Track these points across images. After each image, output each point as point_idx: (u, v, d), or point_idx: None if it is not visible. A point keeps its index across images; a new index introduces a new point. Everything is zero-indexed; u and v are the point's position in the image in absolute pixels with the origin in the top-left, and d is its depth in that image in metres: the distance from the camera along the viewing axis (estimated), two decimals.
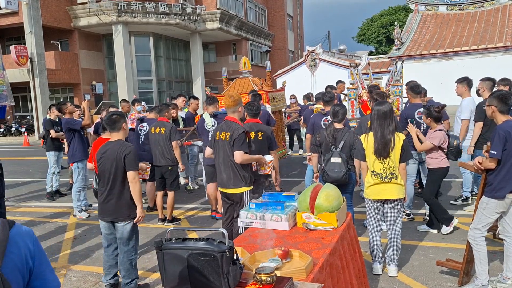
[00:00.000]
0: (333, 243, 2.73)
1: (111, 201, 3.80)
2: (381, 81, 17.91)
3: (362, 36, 45.44)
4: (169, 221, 6.05)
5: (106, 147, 3.83)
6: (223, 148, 4.16)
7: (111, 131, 3.86)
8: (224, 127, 4.18)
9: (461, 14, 22.17)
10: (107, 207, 3.82)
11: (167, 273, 2.21)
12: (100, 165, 3.81)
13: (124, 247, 3.84)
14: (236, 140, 4.01)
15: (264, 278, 2.00)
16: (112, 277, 3.99)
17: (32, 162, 13.45)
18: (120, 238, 3.85)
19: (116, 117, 3.84)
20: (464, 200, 6.32)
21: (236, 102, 4.20)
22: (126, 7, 23.10)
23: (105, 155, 3.78)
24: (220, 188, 4.33)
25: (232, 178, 4.14)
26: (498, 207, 3.47)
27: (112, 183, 3.78)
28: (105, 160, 3.77)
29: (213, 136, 4.35)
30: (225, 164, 4.17)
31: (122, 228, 3.82)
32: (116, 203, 3.79)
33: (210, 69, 30.40)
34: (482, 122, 5.55)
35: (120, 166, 3.73)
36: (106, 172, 3.77)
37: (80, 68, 25.21)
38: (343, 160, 4.64)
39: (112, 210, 3.81)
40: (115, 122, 3.82)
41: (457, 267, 3.85)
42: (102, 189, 3.84)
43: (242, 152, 4.01)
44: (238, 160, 4.02)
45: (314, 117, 6.35)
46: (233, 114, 4.24)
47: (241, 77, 8.06)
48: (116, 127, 3.83)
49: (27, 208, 7.59)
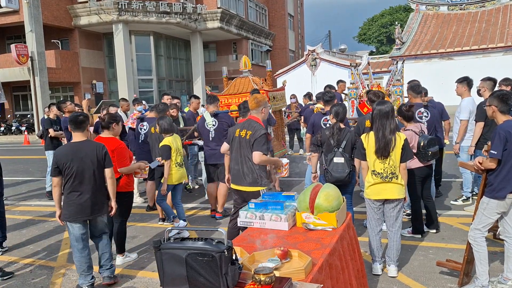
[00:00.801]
0: (332, 243, 2.72)
1: (94, 199, 3.94)
2: (382, 81, 17.90)
3: (363, 35, 45.45)
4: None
5: (75, 148, 3.91)
6: (242, 145, 4.17)
7: (76, 131, 4.01)
8: (246, 125, 4.21)
9: (462, 14, 22.15)
10: (87, 204, 3.91)
11: (166, 273, 2.20)
12: (74, 166, 3.84)
13: (105, 236, 4.15)
14: (257, 141, 4.05)
15: (263, 278, 1.99)
16: (92, 277, 4.03)
17: (32, 161, 13.45)
18: (101, 229, 4.12)
19: (82, 118, 4.03)
20: (464, 200, 6.30)
21: (259, 103, 4.25)
22: (127, 6, 23.10)
23: (79, 156, 3.87)
24: (234, 185, 4.30)
25: (249, 176, 4.14)
26: (499, 208, 3.45)
27: (92, 181, 3.93)
28: (81, 160, 3.87)
29: (232, 132, 4.35)
30: (242, 161, 4.17)
31: (102, 219, 4.11)
32: (97, 199, 3.98)
33: (211, 69, 30.41)
34: (483, 122, 5.54)
35: (99, 164, 3.94)
36: (85, 172, 3.89)
37: (81, 67, 25.21)
38: (346, 160, 4.64)
39: (96, 207, 3.97)
40: (82, 123, 4.00)
41: (457, 268, 3.83)
42: (79, 189, 3.89)
43: (261, 153, 4.05)
44: (256, 161, 4.06)
45: (314, 117, 6.34)
46: (257, 114, 4.28)
47: (241, 77, 8.04)
48: (82, 128, 4.01)
49: (26, 207, 7.59)
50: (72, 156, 3.86)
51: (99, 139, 4.64)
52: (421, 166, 4.89)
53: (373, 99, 5.38)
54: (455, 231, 5.19)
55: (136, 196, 7.18)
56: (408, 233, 5.07)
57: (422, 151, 4.73)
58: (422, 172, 4.93)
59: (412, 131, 4.82)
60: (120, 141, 4.65)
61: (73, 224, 3.92)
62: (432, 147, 4.76)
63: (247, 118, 4.35)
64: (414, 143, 4.74)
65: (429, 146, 4.73)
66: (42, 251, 5.26)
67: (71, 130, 4.07)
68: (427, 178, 5.07)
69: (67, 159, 3.85)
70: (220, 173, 6.09)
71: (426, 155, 4.75)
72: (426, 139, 4.75)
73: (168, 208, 5.66)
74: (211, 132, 6.03)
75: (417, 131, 4.85)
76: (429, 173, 5.06)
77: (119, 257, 4.72)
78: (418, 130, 4.86)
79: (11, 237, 5.67)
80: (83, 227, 3.97)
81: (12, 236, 5.81)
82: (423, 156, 4.75)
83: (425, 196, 5.13)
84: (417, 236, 5.03)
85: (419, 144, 4.74)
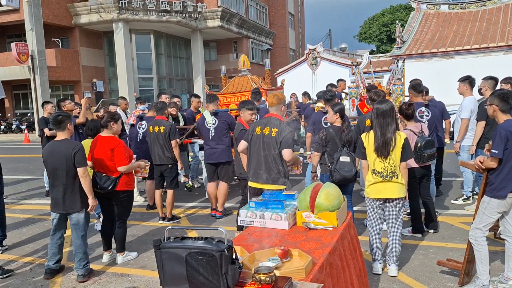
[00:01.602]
0: (333, 243, 2.71)
1: (65, 195, 4.14)
2: (383, 80, 17.87)
3: (364, 34, 45.37)
4: (168, 220, 6.04)
5: (52, 146, 4.16)
6: (266, 142, 4.15)
7: (57, 130, 4.19)
8: (269, 123, 4.19)
9: (462, 13, 22.11)
10: (61, 200, 4.16)
11: (165, 272, 2.20)
12: (50, 164, 4.13)
13: (80, 233, 4.24)
14: (286, 138, 4.07)
15: (263, 277, 1.98)
16: (55, 262, 4.34)
17: (32, 160, 13.45)
18: (76, 225, 4.24)
19: (61, 118, 4.16)
20: (465, 199, 6.30)
21: (280, 100, 4.29)
22: (127, 4, 23.08)
23: (55, 154, 4.09)
24: (256, 184, 4.26)
25: (274, 174, 4.14)
26: (500, 207, 3.45)
27: (64, 179, 4.10)
28: (55, 158, 4.09)
29: (251, 130, 4.33)
30: (267, 159, 4.16)
31: (77, 217, 4.22)
32: (69, 197, 4.15)
33: (211, 67, 30.38)
34: (484, 121, 5.53)
35: (71, 163, 4.08)
36: (58, 170, 4.10)
37: (81, 65, 25.20)
38: (351, 159, 4.64)
39: (66, 203, 4.16)
40: (61, 122, 4.14)
41: (458, 267, 3.83)
42: (55, 185, 4.17)
43: (291, 151, 4.09)
44: (287, 158, 4.08)
45: (315, 116, 6.34)
46: (277, 111, 4.29)
47: (240, 75, 8.04)
48: (61, 127, 4.16)
49: (26, 206, 7.58)
50: (49, 154, 4.14)
51: (99, 138, 4.64)
52: (417, 166, 4.86)
53: (374, 98, 5.36)
54: (456, 231, 5.19)
55: (136, 195, 7.18)
56: (409, 232, 5.06)
57: (418, 152, 4.70)
58: (417, 172, 4.92)
59: (411, 131, 4.79)
60: (119, 139, 4.64)
61: (52, 213, 4.29)
62: (429, 149, 4.73)
63: (268, 115, 4.32)
64: (411, 144, 4.70)
65: (425, 147, 4.70)
66: (42, 249, 5.25)
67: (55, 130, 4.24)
68: (423, 178, 5.06)
69: (46, 157, 4.17)
70: (220, 172, 6.08)
71: (422, 156, 4.72)
72: (424, 141, 4.72)
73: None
74: (211, 131, 6.02)
75: (417, 131, 4.82)
76: (425, 174, 5.04)
77: (119, 256, 4.72)
78: (418, 131, 4.83)
79: (11, 236, 5.67)
80: (57, 218, 4.27)
81: (12, 234, 5.80)
82: (419, 157, 4.73)
83: (423, 195, 5.13)
84: (417, 235, 5.02)
85: (416, 145, 4.71)
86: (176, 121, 7.43)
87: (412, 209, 5.05)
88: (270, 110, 4.35)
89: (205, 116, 6.14)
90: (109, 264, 4.68)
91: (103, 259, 4.76)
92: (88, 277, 4.26)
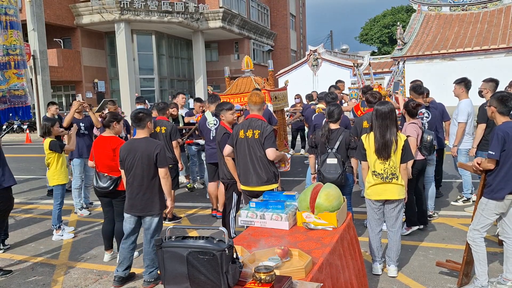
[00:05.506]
0: (333, 243, 2.73)
1: (142, 197, 3.92)
2: (383, 81, 17.88)
3: (365, 36, 45.38)
4: (169, 219, 6.06)
5: (132, 145, 3.98)
6: (251, 145, 4.16)
7: (137, 128, 4.03)
8: (251, 125, 4.19)
9: (464, 14, 22.12)
10: (137, 202, 3.94)
11: (167, 271, 2.22)
12: (128, 162, 3.93)
13: (151, 239, 3.97)
14: (267, 138, 4.08)
15: (263, 277, 2.00)
16: (124, 269, 4.08)
17: (34, 159, 13.49)
18: (148, 229, 3.99)
19: (142, 115, 4.00)
20: (465, 201, 6.31)
21: (262, 99, 4.29)
22: (129, 5, 23.11)
23: (134, 153, 3.90)
24: (247, 187, 4.27)
25: (263, 176, 4.15)
26: (497, 208, 3.46)
27: (143, 180, 3.91)
28: (134, 157, 3.89)
29: (234, 134, 4.32)
30: (254, 162, 4.16)
31: (151, 221, 3.97)
32: (148, 198, 3.93)
33: (212, 68, 30.41)
34: (485, 123, 5.54)
35: (152, 163, 3.88)
36: (137, 169, 3.90)
37: (82, 65, 25.24)
38: (338, 161, 4.61)
39: (143, 205, 3.94)
40: (141, 120, 3.99)
41: (457, 268, 3.84)
42: (130, 185, 3.96)
43: (275, 149, 4.11)
44: (272, 157, 4.09)
45: (316, 118, 6.34)
46: (259, 112, 4.29)
47: (243, 76, 8.05)
48: (141, 125, 4.00)
49: (28, 205, 7.61)
50: (129, 152, 3.94)
51: (100, 138, 4.66)
52: (421, 159, 5.01)
53: (370, 100, 5.39)
54: (455, 232, 5.21)
55: None
56: (406, 229, 5.08)
57: (427, 144, 4.97)
58: (418, 165, 4.99)
59: (416, 124, 4.93)
60: (121, 139, 4.67)
61: (126, 214, 4.07)
62: (435, 140, 5.13)
63: (247, 118, 4.33)
64: (418, 136, 4.92)
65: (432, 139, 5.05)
66: (44, 249, 5.28)
67: (136, 128, 4.12)
68: (422, 171, 5.18)
69: (124, 155, 3.97)
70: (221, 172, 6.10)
71: (432, 147, 5.04)
72: (431, 134, 5.05)
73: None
74: (212, 131, 6.04)
75: (420, 125, 5.00)
76: (424, 166, 5.18)
77: None
78: (420, 125, 5.03)
79: (13, 235, 5.70)
80: (132, 222, 4.02)
81: (14, 234, 5.84)
82: (429, 149, 5.00)
83: (417, 190, 5.19)
84: (414, 229, 5.09)
85: (425, 139, 4.96)
86: (176, 121, 7.46)
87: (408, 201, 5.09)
88: (252, 109, 4.32)
89: (206, 116, 6.17)
90: (110, 263, 4.70)
91: (104, 258, 4.78)
92: (154, 283, 3.99)
